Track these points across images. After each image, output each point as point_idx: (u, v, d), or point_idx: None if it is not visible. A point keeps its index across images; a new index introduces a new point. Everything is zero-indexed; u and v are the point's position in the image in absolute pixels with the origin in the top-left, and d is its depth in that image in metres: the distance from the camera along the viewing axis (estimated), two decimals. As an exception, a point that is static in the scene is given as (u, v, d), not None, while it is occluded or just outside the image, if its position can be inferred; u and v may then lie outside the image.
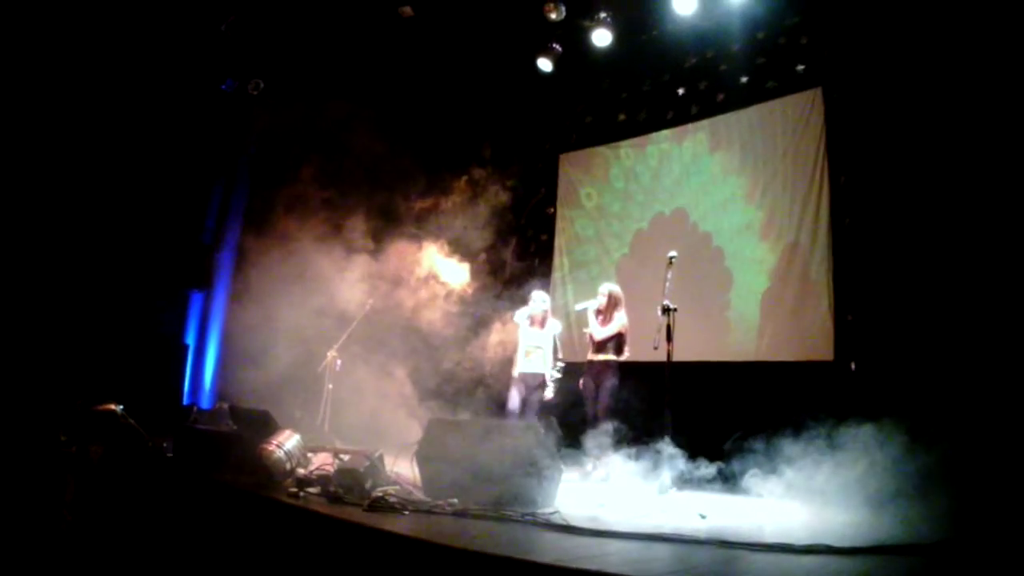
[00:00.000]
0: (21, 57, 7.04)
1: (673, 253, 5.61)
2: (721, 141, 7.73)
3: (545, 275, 8.89)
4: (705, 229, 7.68)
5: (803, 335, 6.75)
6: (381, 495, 4.12)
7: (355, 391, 7.18)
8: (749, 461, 5.14)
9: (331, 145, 7.97)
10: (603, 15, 7.70)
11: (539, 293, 6.83)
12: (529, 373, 6.61)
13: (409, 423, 6.65)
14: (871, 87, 6.51)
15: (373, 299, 7.34)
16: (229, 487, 4.58)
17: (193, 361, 9.54)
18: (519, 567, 2.84)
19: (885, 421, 4.64)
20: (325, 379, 7.14)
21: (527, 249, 9.28)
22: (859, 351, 6.26)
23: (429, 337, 7.36)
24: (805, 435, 4.86)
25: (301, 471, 4.74)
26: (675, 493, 4.85)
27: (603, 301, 6.47)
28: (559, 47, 8.19)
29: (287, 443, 4.79)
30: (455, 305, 7.48)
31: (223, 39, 8.10)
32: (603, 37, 7.79)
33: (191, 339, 9.60)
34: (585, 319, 6.63)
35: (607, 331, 6.38)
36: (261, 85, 8.60)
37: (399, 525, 3.56)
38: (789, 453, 4.86)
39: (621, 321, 6.40)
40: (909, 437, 4.51)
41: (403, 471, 4.75)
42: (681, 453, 5.09)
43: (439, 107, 9.28)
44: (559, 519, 3.78)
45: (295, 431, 4.98)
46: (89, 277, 7.82)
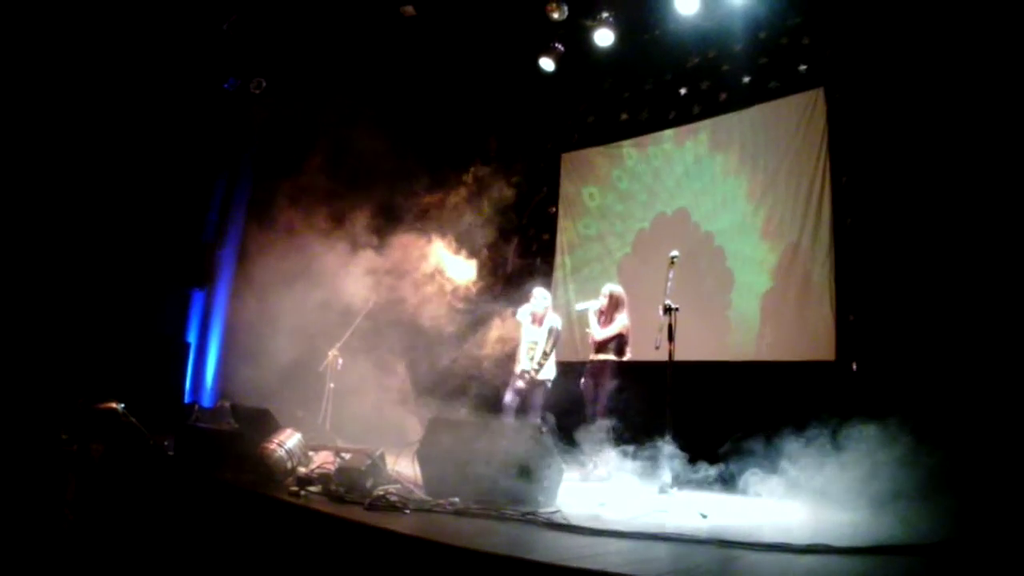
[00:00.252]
0: (25, 54, 7.04)
1: (675, 253, 5.60)
2: (723, 141, 7.74)
3: (547, 274, 8.90)
4: (707, 229, 7.68)
5: (804, 335, 6.75)
6: (382, 494, 4.12)
7: (356, 390, 7.18)
8: (750, 461, 5.14)
9: (333, 143, 7.97)
10: (605, 15, 7.71)
11: (540, 290, 6.82)
12: (530, 371, 6.61)
13: (409, 421, 6.65)
14: (873, 87, 6.52)
15: (375, 298, 7.34)
16: (230, 486, 4.58)
17: (194, 359, 9.54)
18: (520, 566, 2.84)
19: (887, 421, 4.63)
20: (326, 378, 7.15)
21: (529, 248, 9.29)
22: (861, 351, 6.26)
23: (430, 335, 7.35)
24: (806, 435, 4.86)
25: (302, 470, 4.75)
26: (676, 493, 4.84)
27: (604, 302, 6.47)
28: (561, 46, 8.20)
29: (288, 442, 4.80)
30: (457, 303, 7.47)
31: (225, 38, 8.10)
32: (605, 37, 7.81)
33: (193, 337, 9.61)
34: (587, 319, 6.63)
35: (607, 332, 6.38)
36: (263, 84, 8.61)
37: (400, 524, 3.55)
38: (790, 453, 4.86)
39: (622, 322, 6.39)
40: (911, 437, 4.51)
41: (404, 470, 4.76)
42: (682, 453, 5.08)
43: (441, 106, 9.28)
44: (560, 518, 3.78)
45: (296, 430, 4.99)
46: (90, 275, 7.82)
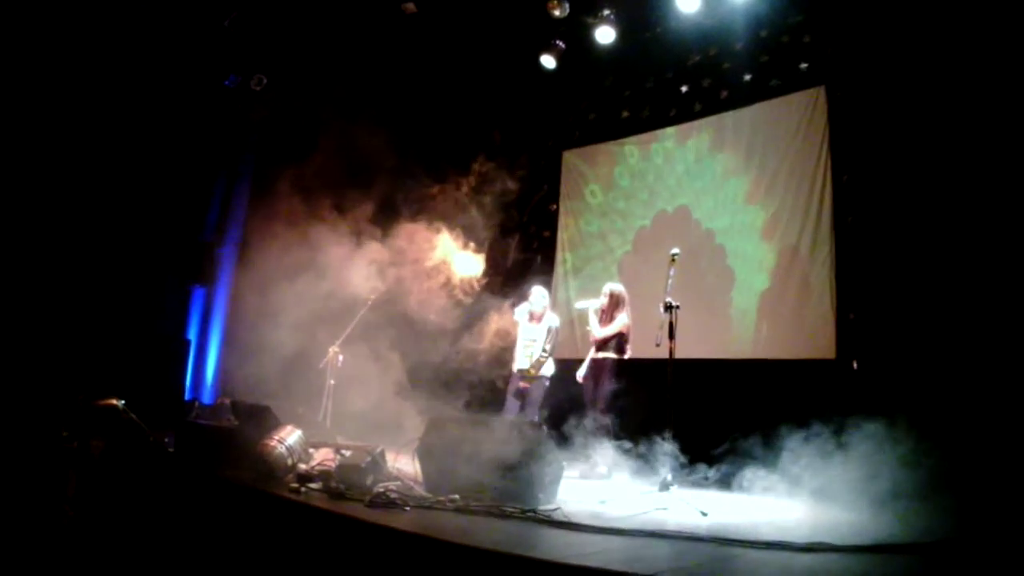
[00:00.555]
0: (25, 53, 7.04)
1: (676, 250, 5.58)
2: (724, 139, 7.72)
3: (547, 271, 8.88)
4: (708, 227, 7.67)
5: (805, 333, 6.74)
6: (382, 491, 4.13)
7: (357, 387, 7.18)
8: (750, 459, 5.14)
9: (334, 140, 7.96)
10: (607, 12, 7.70)
11: (538, 289, 6.82)
12: (527, 370, 6.60)
13: (410, 418, 6.65)
14: (874, 86, 6.50)
15: (375, 294, 7.34)
16: (230, 482, 4.59)
17: (195, 356, 9.56)
18: (521, 563, 2.84)
19: (887, 420, 4.63)
20: (327, 374, 7.14)
21: (529, 245, 9.28)
22: (861, 350, 6.24)
23: (430, 332, 7.35)
24: (806, 433, 4.86)
25: (302, 467, 4.76)
26: (676, 490, 4.84)
27: (605, 301, 6.46)
28: (562, 44, 8.19)
29: (288, 439, 4.80)
30: (458, 300, 7.47)
31: (226, 34, 8.09)
32: (606, 34, 7.80)
33: (193, 334, 9.62)
34: (587, 317, 6.62)
35: (607, 331, 6.38)
36: (264, 80, 8.60)
37: (400, 521, 3.56)
38: (790, 451, 4.86)
39: (623, 321, 6.39)
40: (911, 436, 4.51)
41: (404, 467, 4.76)
42: (682, 451, 5.08)
43: (442, 103, 9.27)
44: (560, 515, 3.79)
45: (296, 427, 5.00)
46: (91, 272, 7.83)
